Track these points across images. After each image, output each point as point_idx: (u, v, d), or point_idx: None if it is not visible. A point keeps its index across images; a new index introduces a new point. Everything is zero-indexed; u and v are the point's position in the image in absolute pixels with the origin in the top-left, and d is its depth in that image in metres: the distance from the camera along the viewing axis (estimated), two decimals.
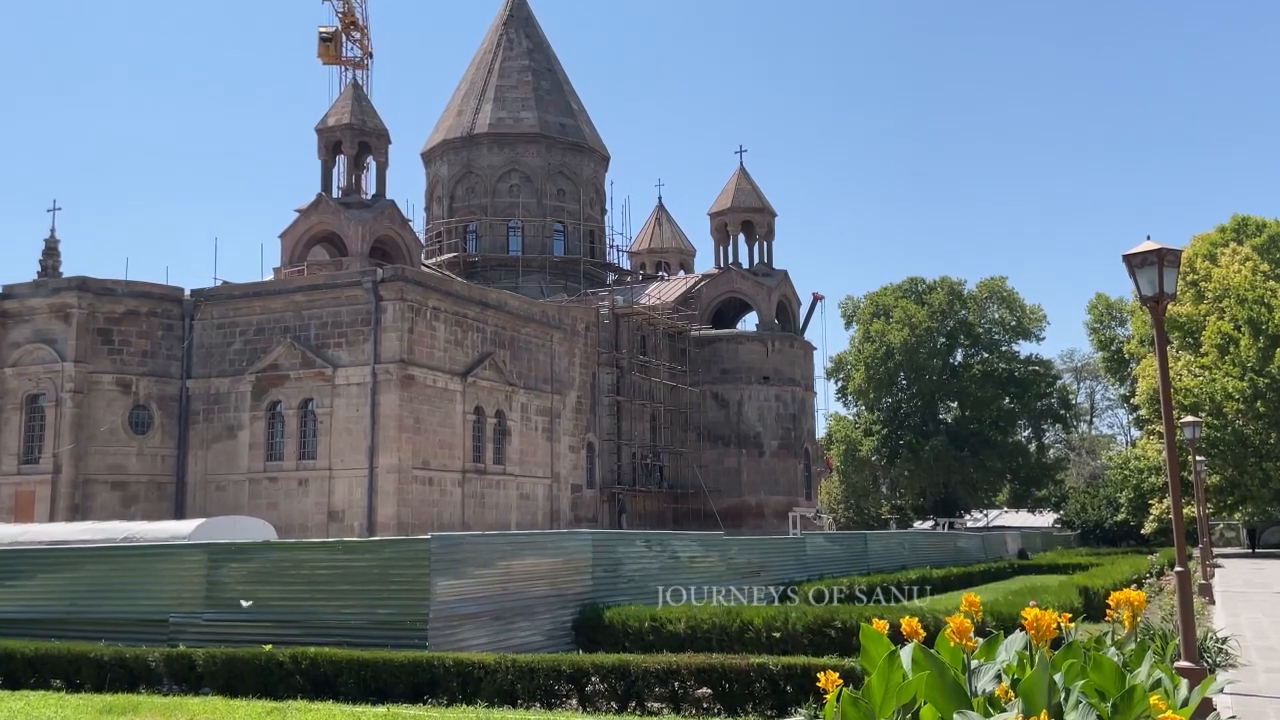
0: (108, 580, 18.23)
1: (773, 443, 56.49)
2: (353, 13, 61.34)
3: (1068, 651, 3.96)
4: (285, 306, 40.35)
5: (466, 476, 40.74)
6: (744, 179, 61.10)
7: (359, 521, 37.57)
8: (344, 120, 48.17)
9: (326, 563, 17.06)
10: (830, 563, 29.96)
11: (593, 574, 19.62)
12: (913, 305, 69.19)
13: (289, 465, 39.21)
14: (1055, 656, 3.87)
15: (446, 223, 60.60)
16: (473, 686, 13.69)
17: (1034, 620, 3.85)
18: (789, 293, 60.70)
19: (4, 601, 18.47)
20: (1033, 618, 3.85)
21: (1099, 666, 3.77)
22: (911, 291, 71.29)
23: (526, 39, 63.86)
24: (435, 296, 40.47)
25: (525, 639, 17.50)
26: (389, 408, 37.84)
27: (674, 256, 73.02)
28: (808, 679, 12.32)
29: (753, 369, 56.79)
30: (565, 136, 61.64)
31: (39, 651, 15.91)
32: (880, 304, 71.33)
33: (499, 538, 20.11)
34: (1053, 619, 3.86)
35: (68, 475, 38.19)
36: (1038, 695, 3.51)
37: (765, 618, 17.81)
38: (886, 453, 70.65)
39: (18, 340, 39.98)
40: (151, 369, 40.37)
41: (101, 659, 15.46)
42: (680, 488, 54.53)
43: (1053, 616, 3.88)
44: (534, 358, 45.58)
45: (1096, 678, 3.74)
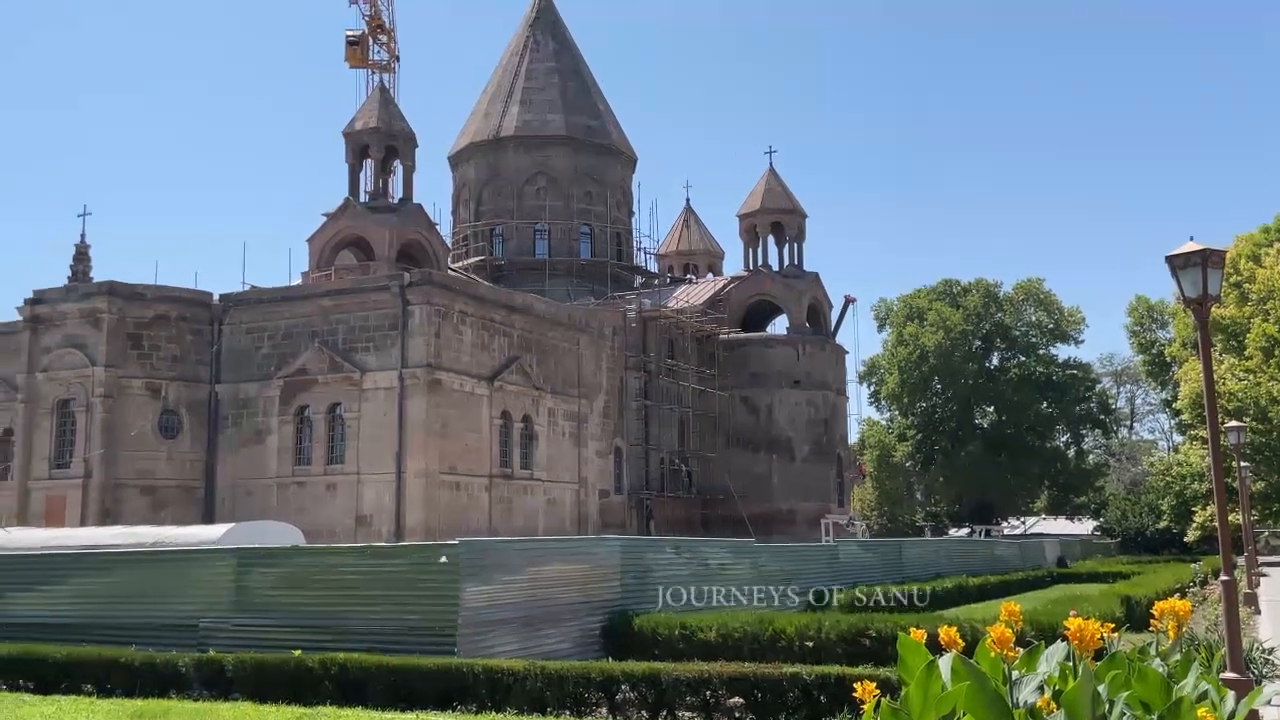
0: (138, 585, 18.45)
1: (804, 448, 56.28)
2: (380, 16, 61.74)
3: (1111, 662, 3.93)
4: (313, 311, 40.67)
5: (494, 481, 40.88)
6: (773, 180, 60.96)
7: (387, 526, 37.77)
8: (371, 124, 48.53)
9: (355, 568, 17.19)
10: (864, 570, 29.76)
11: (621, 581, 19.63)
12: (947, 308, 68.72)
13: (317, 470, 39.49)
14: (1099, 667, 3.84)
15: (473, 226, 60.89)
16: (502, 694, 13.74)
17: (1077, 630, 3.82)
18: (820, 295, 60.47)
19: (37, 606, 18.73)
20: (1075, 627, 3.82)
21: (1144, 678, 3.74)
22: (946, 294, 70.81)
23: (553, 40, 64.07)
24: (462, 300, 40.65)
25: (554, 646, 17.53)
26: (416, 412, 38.04)
27: (702, 259, 72.95)
28: (842, 688, 12.27)
29: (783, 373, 56.61)
30: (592, 139, 61.77)
31: (70, 656, 16.11)
32: (914, 306, 70.87)
33: (527, 543, 20.21)
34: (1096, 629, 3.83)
35: (98, 480, 38.65)
36: (1081, 707, 3.49)
37: (798, 626, 17.75)
38: (921, 458, 70.20)
39: (49, 345, 40.52)
40: (181, 374, 40.80)
41: (132, 664, 15.64)
42: (709, 493, 54.44)
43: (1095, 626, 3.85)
44: (561, 362, 45.68)
45: (1141, 689, 3.71)
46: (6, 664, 16.37)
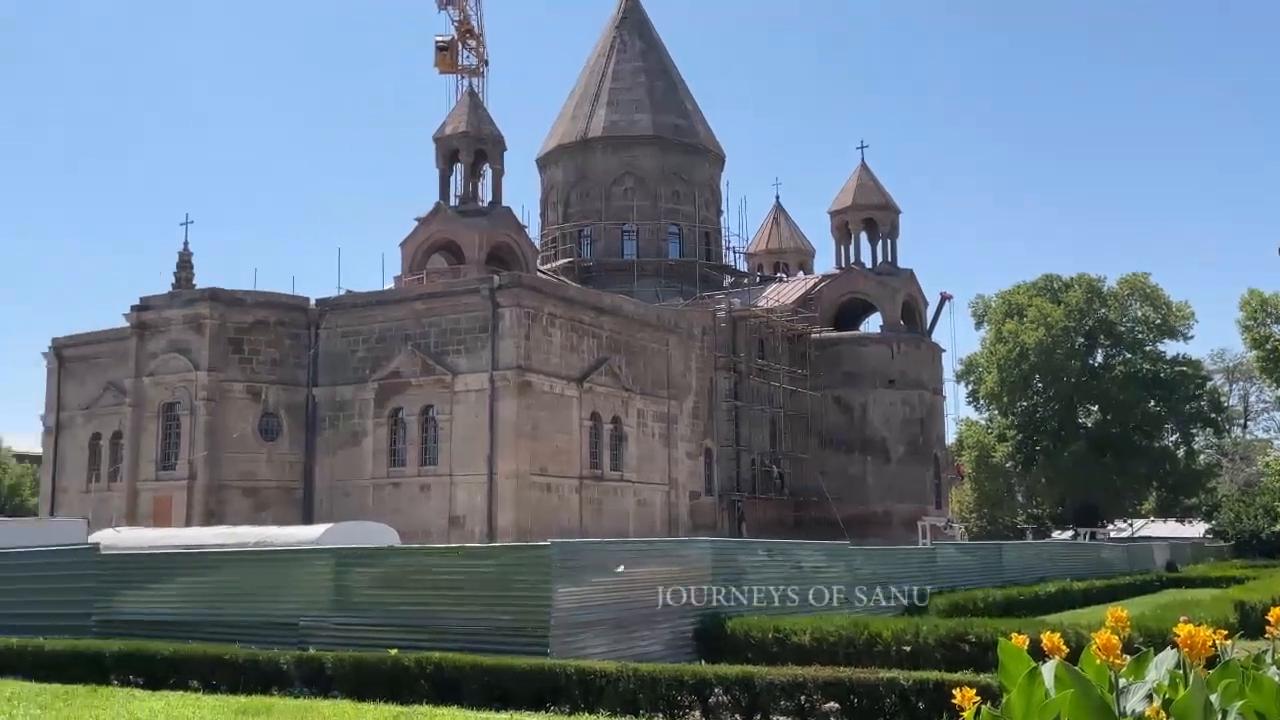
0: (241, 584, 19.07)
1: (899, 449, 55.48)
2: (469, 21, 62.68)
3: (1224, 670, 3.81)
4: (406, 314, 41.48)
5: (584, 483, 41.18)
6: (865, 175, 60.22)
7: (479, 527, 38.34)
8: (460, 129, 49.31)
9: (449, 568, 17.53)
10: (963, 574, 29.30)
11: (713, 582, 19.63)
12: (1048, 304, 67.04)
13: (411, 471, 40.27)
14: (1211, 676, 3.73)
15: (561, 228, 61.42)
16: (594, 695, 13.86)
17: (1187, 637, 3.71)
18: (915, 292, 59.54)
19: (146, 604, 19.49)
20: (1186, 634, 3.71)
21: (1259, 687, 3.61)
22: (1047, 289, 69.08)
23: (640, 40, 64.27)
24: (551, 302, 41.05)
25: (645, 648, 17.61)
26: (507, 414, 38.53)
27: (792, 257, 72.40)
28: (940, 694, 12.09)
29: (877, 372, 55.88)
30: (679, 137, 61.78)
31: (178, 653, 16.73)
32: (1013, 303, 69.28)
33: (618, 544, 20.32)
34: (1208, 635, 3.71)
35: (202, 481, 39.98)
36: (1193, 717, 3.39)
37: (895, 630, 17.55)
38: (1022, 459, 68.61)
39: (155, 351, 42.06)
40: (280, 377, 41.98)
41: (236, 661, 16.17)
42: (802, 495, 54.02)
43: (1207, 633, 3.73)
44: (650, 363, 45.79)
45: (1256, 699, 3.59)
46: (118, 660, 17.06)
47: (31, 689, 15.77)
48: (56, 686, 16.07)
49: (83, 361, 47.10)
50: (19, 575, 21.31)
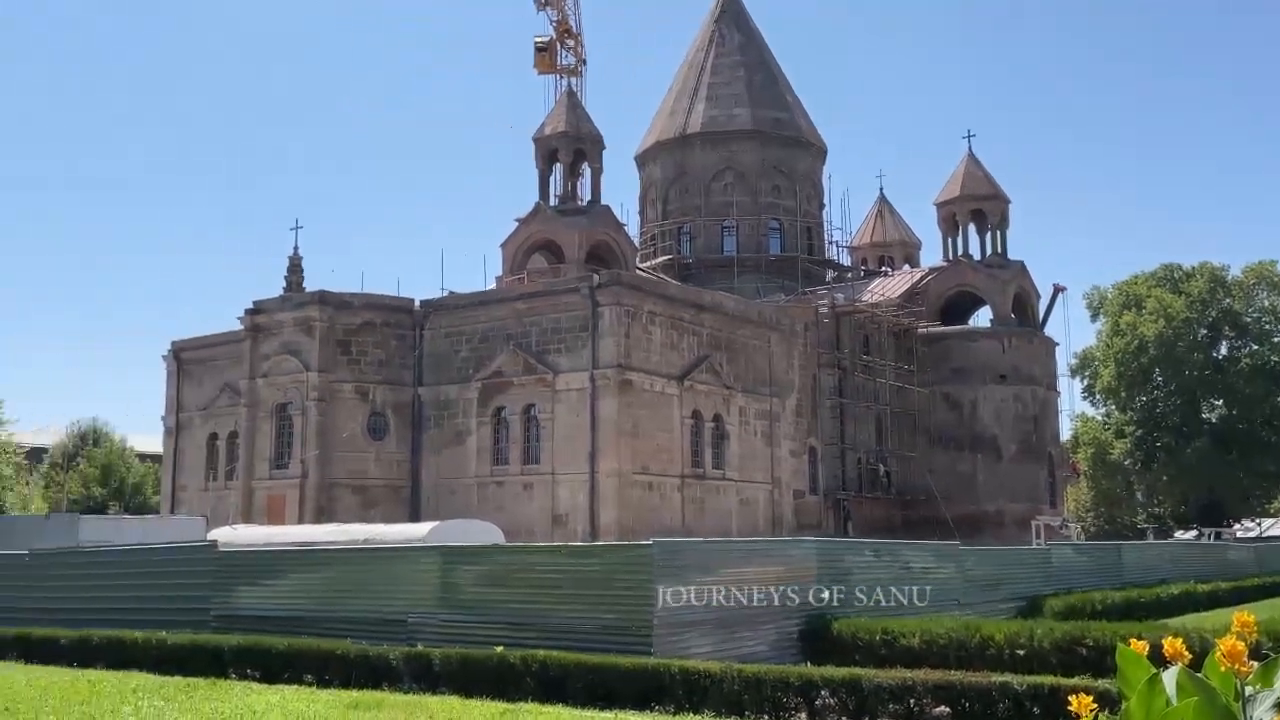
0: (351, 581, 19.59)
1: (1011, 446, 54.19)
2: (567, 21, 63.32)
3: None
4: (507, 314, 42.09)
5: (685, 481, 41.22)
6: (973, 165, 58.96)
7: (582, 525, 38.70)
8: (559, 129, 49.81)
9: (552, 566, 17.73)
10: (1079, 576, 28.51)
11: (819, 583, 19.46)
12: (1168, 294, 64.67)
13: (514, 470, 40.86)
14: None
15: (660, 225, 61.53)
16: (699, 695, 13.87)
17: None
18: (1026, 285, 58.09)
19: (262, 599, 20.17)
20: None
21: None
22: (1166, 279, 66.64)
23: (738, 34, 64.00)
24: (650, 300, 41.19)
25: (750, 649, 17.55)
26: (607, 412, 38.80)
27: (897, 250, 71.28)
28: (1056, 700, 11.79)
29: (987, 367, 54.68)
30: (779, 131, 61.36)
31: (292, 648, 17.27)
32: (1131, 294, 67.01)
33: (721, 544, 20.30)
34: None
35: (314, 480, 41.21)
36: None
37: (1008, 633, 17.17)
38: (1141, 456, 66.33)
39: (267, 353, 43.50)
40: (386, 377, 43.02)
41: (348, 656, 16.63)
42: (909, 494, 53.17)
43: None
44: (751, 360, 45.59)
45: None
46: (236, 654, 17.70)
47: (154, 681, 16.45)
48: (178, 679, 16.74)
49: (200, 364, 48.96)
50: (142, 571, 22.28)
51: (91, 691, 15.06)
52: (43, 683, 16.09)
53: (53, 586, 23.07)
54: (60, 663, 19.45)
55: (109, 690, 15.20)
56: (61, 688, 15.44)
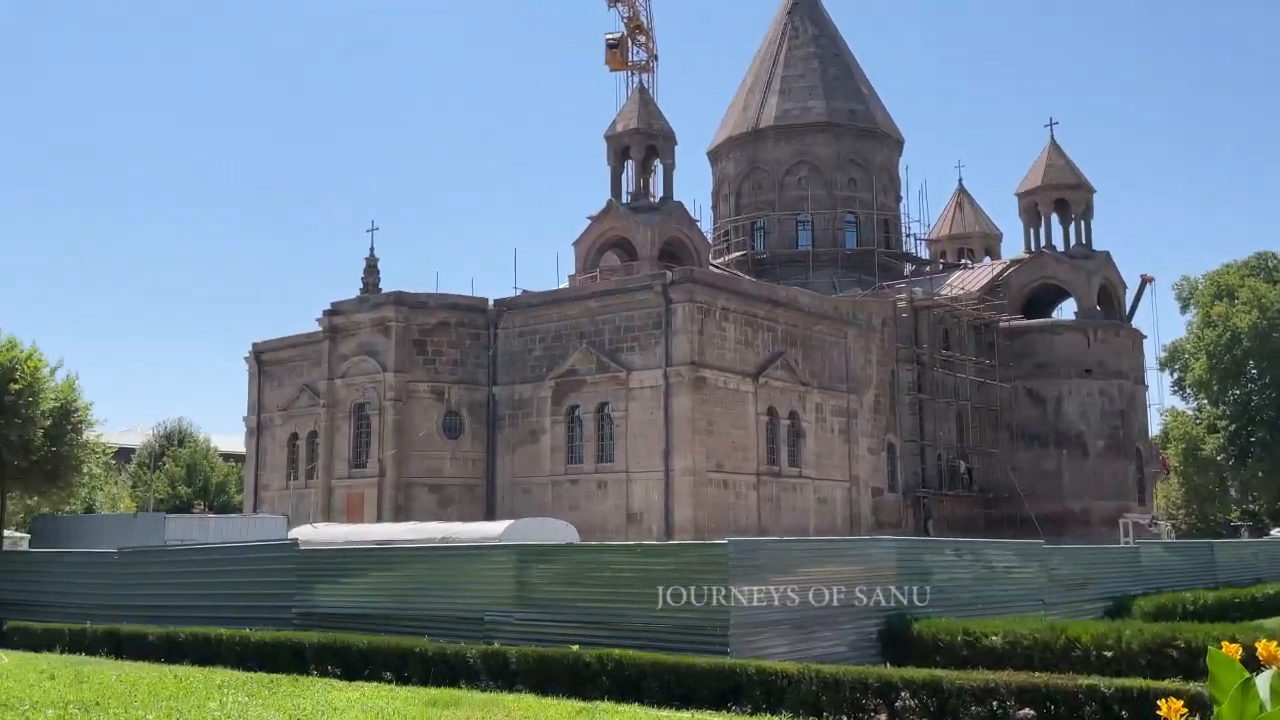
0: (429, 579, 19.89)
1: (1098, 442, 52.99)
2: (638, 17, 63.33)
3: None
4: (580, 313, 42.30)
5: (761, 479, 41.05)
6: (1055, 153, 57.74)
7: (656, 524, 38.76)
8: (631, 125, 49.91)
9: (627, 565, 17.79)
10: (1170, 575, 27.84)
11: (898, 582, 19.25)
12: (1262, 284, 62.58)
13: (588, 468, 41.08)
14: None
15: (734, 220, 61.30)
16: (776, 696, 13.81)
17: None
18: (1112, 276, 56.72)
19: (342, 597, 20.58)
20: None
21: None
22: (1260, 268, 64.49)
23: (812, 25, 63.46)
24: (724, 296, 41.08)
25: (828, 649, 17.43)
26: (681, 410, 38.80)
27: (977, 242, 70.03)
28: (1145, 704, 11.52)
29: (1072, 361, 53.51)
30: (854, 122, 60.70)
31: (372, 645, 17.59)
32: (1222, 284, 64.98)
33: (798, 543, 20.18)
34: None
35: (391, 478, 41.89)
36: None
37: (1094, 634, 16.83)
38: (1235, 451, 64.27)
39: (345, 353, 44.32)
40: (461, 377, 43.55)
41: (426, 654, 16.88)
42: (991, 492, 52.27)
43: None
44: (827, 356, 45.23)
45: None
46: (317, 651, 18.08)
47: (239, 677, 16.88)
48: (261, 675, 17.15)
49: (280, 365, 50.02)
50: (226, 569, 22.88)
51: (178, 687, 15.50)
52: (131, 678, 16.60)
53: (141, 584, 23.80)
54: (148, 659, 20.06)
55: (195, 686, 15.63)
56: (149, 683, 15.91)
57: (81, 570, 25.84)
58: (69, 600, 24.93)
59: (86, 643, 21.78)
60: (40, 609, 25.31)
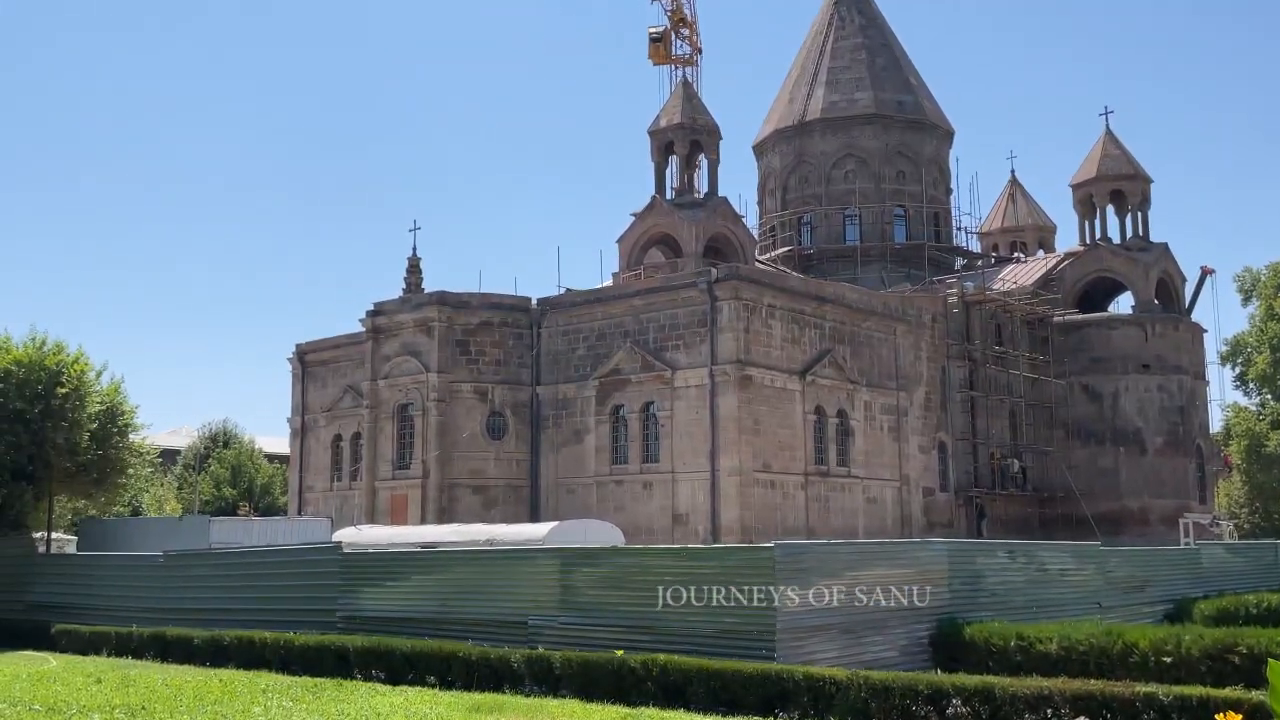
0: (472, 582, 20.02)
1: (1156, 439, 52.16)
2: (681, 10, 63.28)
3: None
4: (624, 311, 42.36)
5: (809, 479, 40.87)
6: (1111, 143, 56.88)
7: (703, 525, 38.73)
8: (675, 120, 49.85)
9: (672, 569, 17.78)
10: (1232, 577, 27.39)
11: (950, 587, 19.11)
12: None
13: (633, 469, 41.13)
14: None
15: (779, 216, 61.06)
16: (824, 702, 13.76)
17: None
18: (1170, 268, 55.79)
19: (385, 600, 20.77)
20: None
21: None
22: None
23: (859, 15, 63.01)
24: (770, 293, 40.93)
25: (877, 654, 17.34)
26: (727, 409, 38.72)
27: (1030, 235, 69.18)
28: (1205, 713, 11.34)
29: (1129, 356, 52.70)
30: (903, 114, 60.20)
31: (415, 649, 17.75)
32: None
33: (846, 546, 20.05)
34: None
35: (435, 480, 42.20)
36: None
37: (1153, 640, 16.59)
38: None
39: (388, 354, 44.72)
40: (504, 377, 43.78)
41: (469, 658, 17.00)
42: (1046, 491, 51.63)
43: None
44: (876, 353, 44.92)
45: None
46: (361, 655, 18.27)
47: (283, 682, 17.10)
48: (306, 679, 17.36)
49: (323, 365, 50.57)
50: (270, 572, 23.18)
51: (223, 691, 15.73)
52: (177, 681, 16.88)
53: (186, 587, 24.19)
54: (194, 662, 20.40)
55: (240, 690, 15.86)
56: (195, 687, 16.17)
57: (127, 573, 26.30)
58: (115, 603, 25.40)
59: (133, 646, 22.18)
60: (87, 612, 25.81)
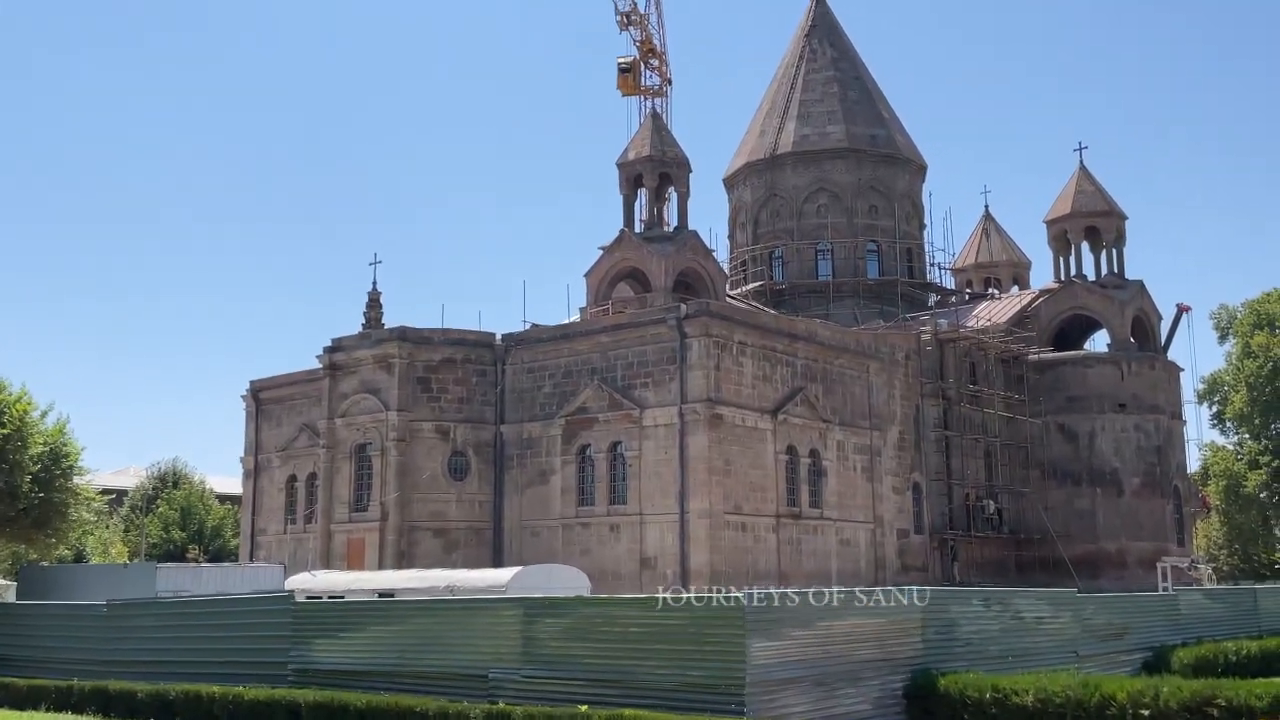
0: (430, 633, 19.78)
1: (1133, 480, 52.62)
2: (651, 40, 63.89)
3: None
4: (591, 348, 42.35)
5: (781, 521, 40.86)
6: (1085, 179, 57.74)
7: (671, 569, 38.57)
8: (644, 152, 50.12)
9: (639, 620, 17.64)
10: (1211, 624, 27.58)
11: (924, 636, 19.11)
12: None
13: (600, 510, 40.97)
14: None
15: (751, 250, 61.40)
16: None
17: None
18: (1146, 306, 56.55)
19: (339, 652, 20.46)
20: None
21: None
22: None
23: (830, 48, 63.78)
24: (741, 330, 41.07)
25: (850, 707, 17.29)
26: (697, 449, 38.71)
27: (1005, 271, 69.96)
28: None
29: (1105, 395, 53.24)
30: (876, 148, 60.87)
31: (370, 705, 17.50)
32: (1263, 312, 64.58)
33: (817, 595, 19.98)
34: None
35: (394, 522, 41.84)
36: None
37: (1130, 691, 16.64)
38: (1279, 488, 63.76)
39: (346, 391, 44.41)
40: (467, 415, 43.58)
41: (427, 713, 16.80)
42: (1023, 532, 51.89)
43: None
44: (849, 391, 45.13)
45: None
46: (314, 711, 17.99)
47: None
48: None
49: (278, 403, 50.19)
50: (219, 623, 22.79)
51: None
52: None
53: (130, 638, 23.72)
54: (138, 717, 20.01)
55: None
56: None
57: (68, 623, 25.78)
58: (55, 655, 24.87)
59: (73, 701, 21.70)
60: (25, 664, 25.24)
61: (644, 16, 64.75)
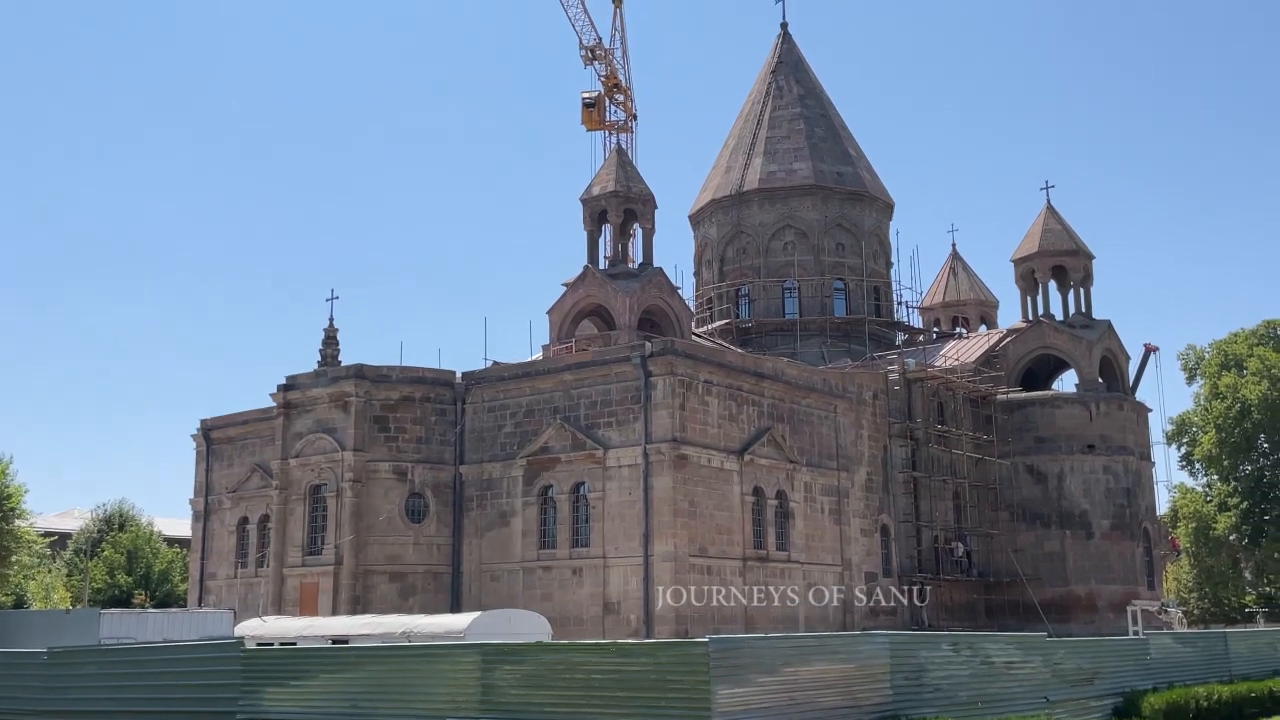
0: (385, 681, 19.52)
1: (1103, 522, 53.03)
2: (616, 75, 64.50)
3: None
4: (554, 386, 42.27)
5: (747, 564, 40.80)
6: (1052, 218, 58.57)
7: (635, 614, 38.36)
8: (608, 188, 50.34)
9: (600, 666, 17.52)
10: (1181, 669, 27.76)
11: (892, 682, 19.09)
12: (1271, 353, 63.24)
13: (562, 554, 40.71)
14: None
15: (717, 287, 61.72)
16: None
17: None
18: (1114, 346, 57.26)
19: (291, 701, 20.13)
20: None
21: None
22: (1269, 337, 65.23)
23: (797, 85, 64.56)
24: (706, 369, 41.15)
25: None
26: (662, 490, 38.63)
27: (973, 309, 70.70)
28: None
29: (1074, 436, 53.73)
30: (843, 185, 61.52)
31: None
32: (1230, 353, 65.68)
33: (784, 640, 19.97)
34: None
35: (349, 566, 41.33)
36: None
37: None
38: (1248, 530, 64.37)
39: (301, 431, 43.97)
40: (425, 455, 43.25)
41: None
42: (992, 575, 52.11)
43: None
44: (816, 431, 45.28)
45: None
46: None
47: None
48: None
49: (230, 443, 49.64)
50: (166, 670, 22.36)
51: None
52: None
53: (73, 687, 23.22)
54: None
55: None
56: None
57: (7, 671, 25.20)
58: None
59: None
60: None
61: (609, 51, 65.44)
